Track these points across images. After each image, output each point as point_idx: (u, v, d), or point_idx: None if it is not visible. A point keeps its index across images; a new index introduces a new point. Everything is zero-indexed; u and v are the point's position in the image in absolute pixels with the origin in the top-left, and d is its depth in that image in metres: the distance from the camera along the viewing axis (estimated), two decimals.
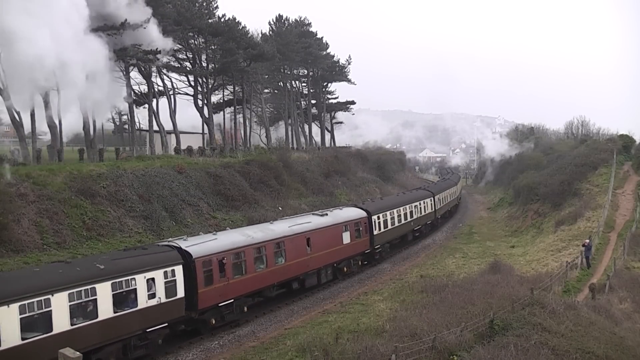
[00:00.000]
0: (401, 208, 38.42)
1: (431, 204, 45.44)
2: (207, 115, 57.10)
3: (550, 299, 19.40)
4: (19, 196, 27.61)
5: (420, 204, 42.57)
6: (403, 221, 38.42)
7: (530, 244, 41.20)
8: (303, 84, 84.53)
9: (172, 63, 56.03)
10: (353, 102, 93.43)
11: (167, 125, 53.56)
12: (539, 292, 20.39)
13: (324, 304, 26.74)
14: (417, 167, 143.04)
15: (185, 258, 20.19)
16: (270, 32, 70.97)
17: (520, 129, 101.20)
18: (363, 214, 32.90)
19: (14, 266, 23.11)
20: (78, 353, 10.73)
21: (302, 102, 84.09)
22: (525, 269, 31.59)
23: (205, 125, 57.55)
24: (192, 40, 53.56)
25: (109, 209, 31.35)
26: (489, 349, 15.39)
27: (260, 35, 66.77)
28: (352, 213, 32.38)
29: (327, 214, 30.01)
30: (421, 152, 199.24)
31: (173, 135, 52.82)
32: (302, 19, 77.96)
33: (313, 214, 30.61)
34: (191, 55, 55.39)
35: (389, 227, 35.86)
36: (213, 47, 54.84)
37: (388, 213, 35.94)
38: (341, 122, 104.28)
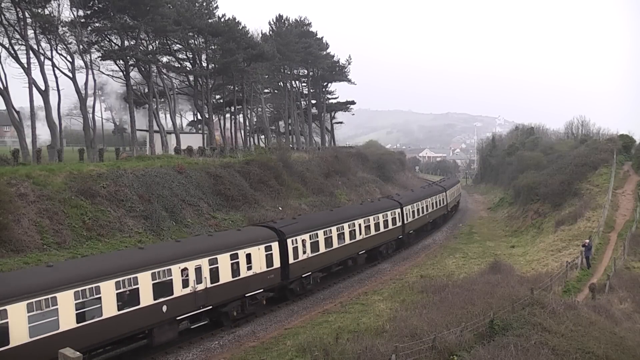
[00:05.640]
0: (136, 275, 18.63)
1: (267, 256, 24.93)
2: (207, 115, 57.18)
3: (550, 299, 19.41)
4: (19, 196, 27.62)
5: (223, 258, 22.33)
6: (150, 302, 19.07)
7: (530, 244, 41.19)
8: (303, 84, 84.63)
9: (172, 63, 56.19)
10: (353, 102, 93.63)
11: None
12: (539, 292, 20.39)
13: (324, 304, 26.77)
14: (417, 167, 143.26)
15: None
16: (270, 32, 71.07)
17: (520, 129, 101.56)
18: None
19: (14, 266, 23.09)
20: (78, 353, 10.81)
21: (302, 102, 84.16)
22: (525, 269, 31.60)
23: (205, 125, 57.65)
24: (192, 40, 53.61)
25: (109, 209, 31.35)
26: (489, 349, 15.38)
27: (260, 35, 66.98)
28: None
29: None
30: (421, 152, 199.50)
31: (173, 135, 52.89)
32: (302, 19, 78.17)
33: None
34: (191, 55, 55.46)
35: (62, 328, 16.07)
36: (213, 47, 54.90)
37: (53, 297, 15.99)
38: (341, 122, 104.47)
